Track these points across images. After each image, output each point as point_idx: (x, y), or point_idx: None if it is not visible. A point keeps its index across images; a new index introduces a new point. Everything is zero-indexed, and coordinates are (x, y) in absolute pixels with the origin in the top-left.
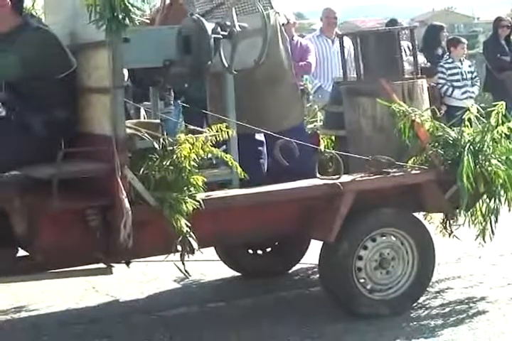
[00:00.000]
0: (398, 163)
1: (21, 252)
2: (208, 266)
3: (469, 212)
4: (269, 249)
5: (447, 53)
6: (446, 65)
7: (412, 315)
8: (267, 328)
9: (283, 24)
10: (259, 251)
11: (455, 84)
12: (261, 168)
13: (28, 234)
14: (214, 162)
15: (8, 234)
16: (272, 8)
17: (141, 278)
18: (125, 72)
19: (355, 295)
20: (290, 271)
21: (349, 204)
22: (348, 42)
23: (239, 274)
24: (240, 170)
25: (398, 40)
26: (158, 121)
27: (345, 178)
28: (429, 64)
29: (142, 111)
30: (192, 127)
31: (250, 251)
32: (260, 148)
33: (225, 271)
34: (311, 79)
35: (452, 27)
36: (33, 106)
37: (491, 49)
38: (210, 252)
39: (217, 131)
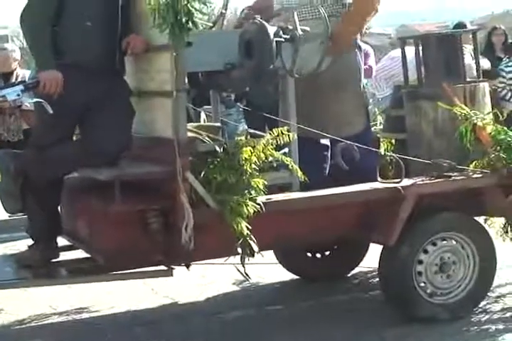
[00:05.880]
0: (459, 166)
1: (83, 254)
2: (267, 269)
3: None
4: (328, 253)
5: (507, 56)
6: (507, 69)
7: (472, 319)
8: (326, 332)
9: None
10: (318, 255)
11: None
12: (323, 172)
13: (90, 236)
14: (275, 165)
15: None
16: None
17: (200, 281)
18: None
19: (415, 299)
20: (349, 275)
21: (410, 208)
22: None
23: (297, 277)
24: (300, 173)
25: (460, 43)
26: (218, 124)
27: (406, 182)
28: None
29: (203, 115)
30: (252, 131)
31: (309, 254)
32: (325, 152)
33: (284, 274)
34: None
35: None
36: None
37: None
38: (269, 255)
39: (278, 135)
